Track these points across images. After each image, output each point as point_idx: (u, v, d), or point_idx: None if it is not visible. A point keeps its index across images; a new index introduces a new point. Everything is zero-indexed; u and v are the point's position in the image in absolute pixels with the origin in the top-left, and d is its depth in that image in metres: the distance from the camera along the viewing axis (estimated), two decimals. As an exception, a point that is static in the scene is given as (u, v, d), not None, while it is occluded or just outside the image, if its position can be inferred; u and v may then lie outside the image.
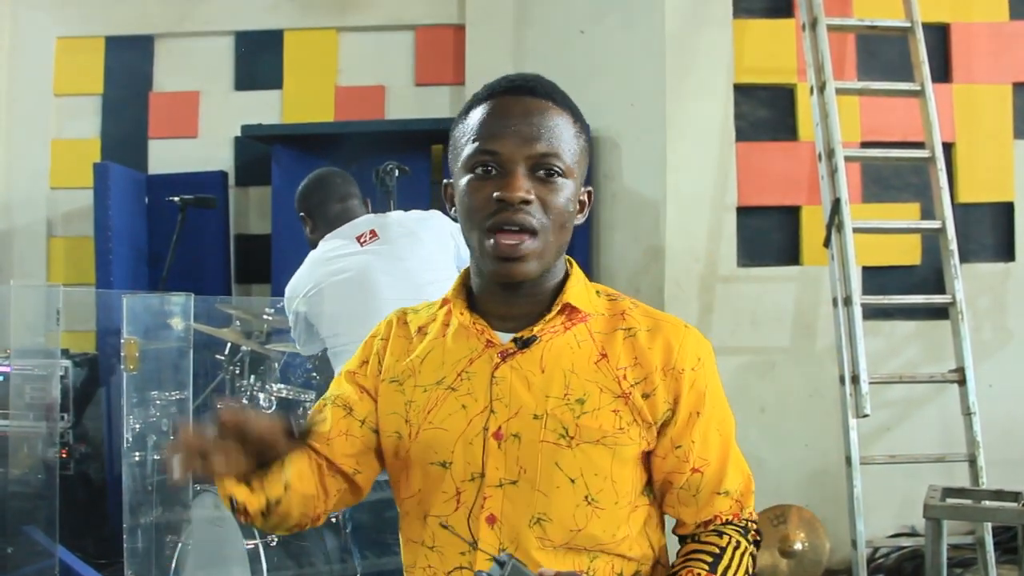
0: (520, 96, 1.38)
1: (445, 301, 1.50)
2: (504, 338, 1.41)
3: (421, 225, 3.15)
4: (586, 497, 1.35)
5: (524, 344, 1.39)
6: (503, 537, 1.35)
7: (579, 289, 1.44)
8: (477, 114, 1.39)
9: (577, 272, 1.47)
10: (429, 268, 2.99)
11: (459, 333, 1.44)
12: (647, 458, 1.42)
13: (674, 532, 1.50)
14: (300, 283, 3.09)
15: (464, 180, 1.37)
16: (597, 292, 1.48)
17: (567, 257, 1.47)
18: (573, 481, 1.35)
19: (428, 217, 3.22)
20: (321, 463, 1.44)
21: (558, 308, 1.40)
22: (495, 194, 1.32)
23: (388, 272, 2.98)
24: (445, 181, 1.48)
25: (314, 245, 3.19)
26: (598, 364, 1.38)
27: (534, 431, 1.35)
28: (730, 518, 1.45)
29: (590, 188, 1.46)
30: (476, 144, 1.36)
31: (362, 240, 3.04)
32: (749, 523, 1.48)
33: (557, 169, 1.35)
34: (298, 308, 3.08)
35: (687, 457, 1.41)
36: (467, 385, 1.40)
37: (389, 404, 1.45)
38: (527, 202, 1.32)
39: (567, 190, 1.36)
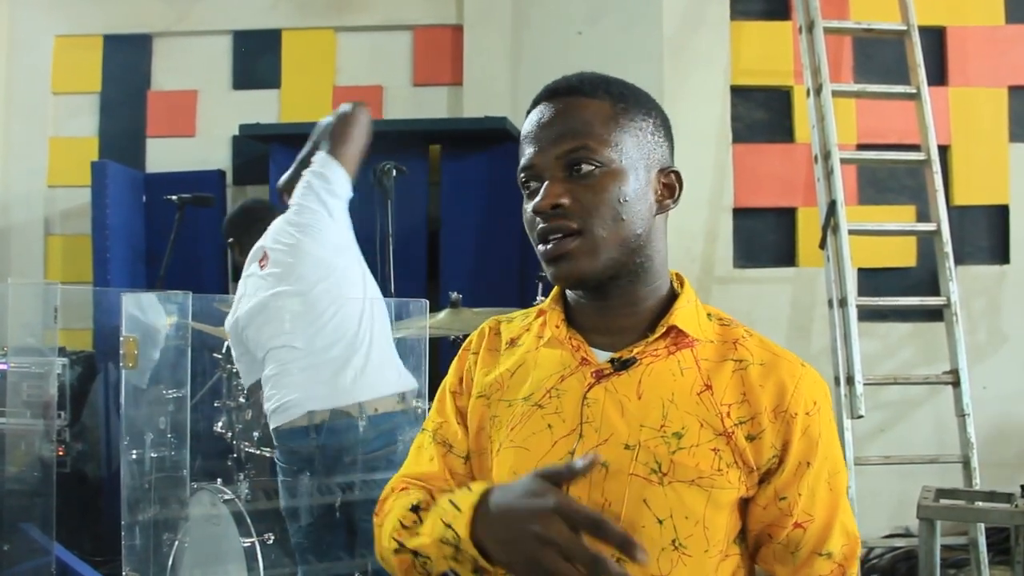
0: (548, 102, 1.29)
1: (541, 312, 1.40)
2: (600, 356, 1.30)
3: (286, 229, 3.06)
4: (673, 541, 1.22)
5: (622, 365, 1.27)
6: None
7: (688, 311, 1.31)
8: (523, 129, 1.31)
9: (688, 291, 1.34)
10: (315, 267, 2.94)
11: (552, 347, 1.34)
12: (744, 505, 1.28)
13: None
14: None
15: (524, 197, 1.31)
16: (708, 315, 1.35)
17: (676, 273, 1.37)
18: (661, 522, 1.22)
19: (288, 217, 3.08)
20: None
21: (663, 330, 1.28)
22: (530, 209, 1.27)
23: (280, 289, 2.95)
24: None
25: (241, 267, 3.17)
26: (701, 396, 1.25)
27: (623, 462, 1.23)
28: None
29: (674, 168, 1.32)
30: (520, 163, 1.29)
31: (263, 264, 3.01)
32: None
33: (591, 161, 1.23)
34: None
35: (791, 511, 1.26)
36: (555, 404, 1.29)
37: (476, 420, 1.37)
38: (558, 206, 1.23)
39: (613, 180, 1.24)
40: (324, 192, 2.95)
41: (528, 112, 1.31)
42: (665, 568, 1.22)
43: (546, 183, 1.25)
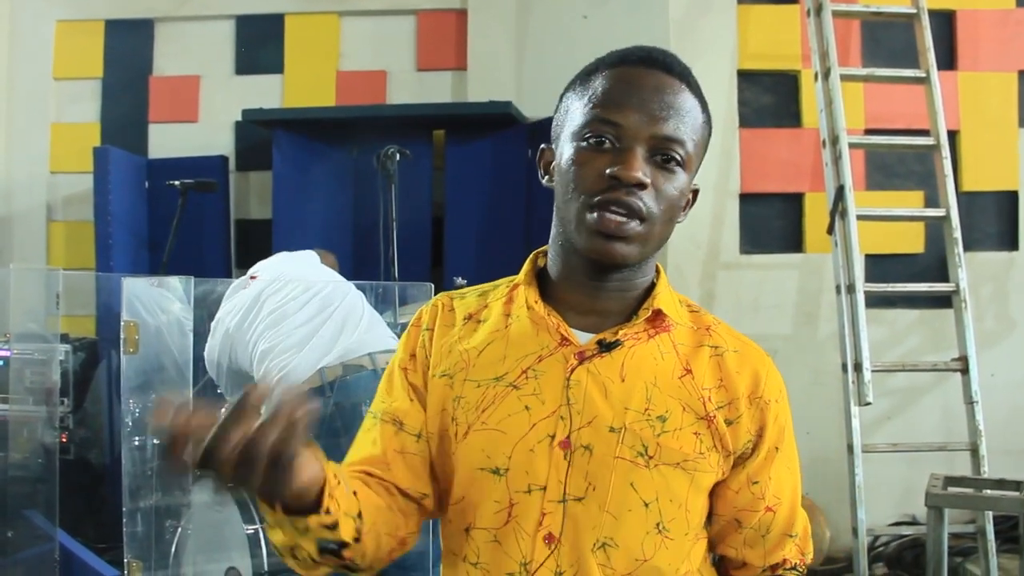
0: (654, 70, 1.23)
1: (514, 286, 1.35)
2: (581, 337, 1.26)
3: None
4: (658, 524, 1.22)
5: (607, 348, 1.25)
6: (562, 560, 1.20)
7: (667, 296, 1.30)
8: (600, 80, 1.23)
9: (664, 277, 1.33)
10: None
11: (528, 325, 1.29)
12: (714, 490, 1.29)
13: (730, 573, 1.38)
14: None
15: (571, 148, 1.22)
16: (679, 301, 1.34)
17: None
18: (647, 505, 1.21)
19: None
20: (388, 485, 1.29)
21: (647, 313, 1.27)
22: (608, 170, 1.18)
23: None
24: (543, 146, 1.33)
25: None
26: (682, 380, 1.25)
27: (609, 445, 1.21)
28: (796, 563, 1.35)
29: (697, 187, 1.31)
30: (595, 111, 1.21)
31: (253, 277, 3.16)
32: (806, 569, 1.37)
33: (678, 156, 1.21)
34: None
35: (763, 494, 1.29)
36: (533, 384, 1.24)
37: (437, 401, 1.30)
38: (643, 185, 1.18)
39: (681, 181, 1.22)
40: None
41: (608, 65, 1.25)
42: (649, 552, 1.22)
43: (630, 152, 1.19)
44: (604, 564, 1.21)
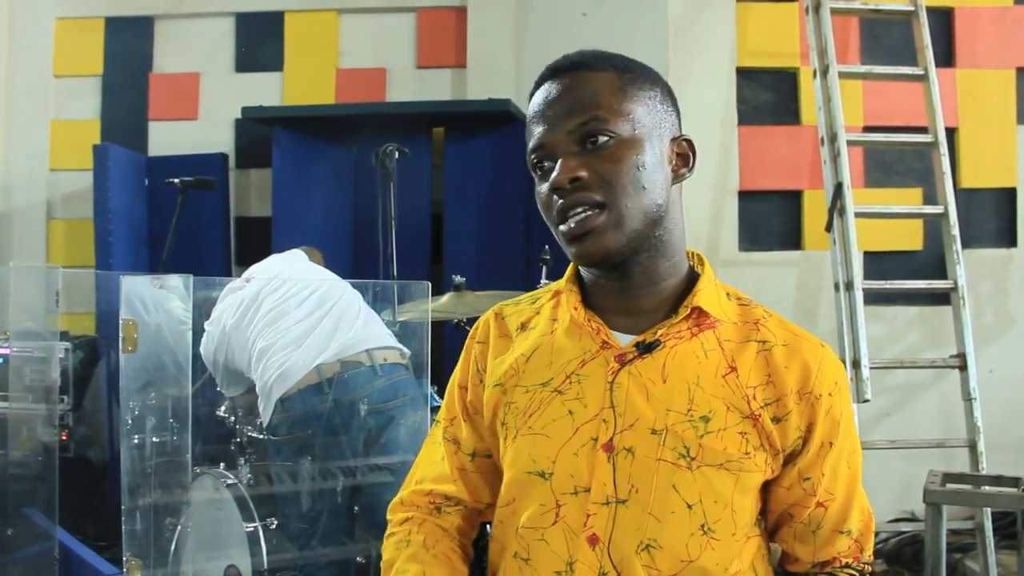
0: (554, 80, 1.26)
1: (555, 293, 1.37)
2: (621, 339, 1.27)
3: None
4: (702, 526, 1.21)
5: (646, 349, 1.25)
6: (605, 561, 1.21)
7: (710, 291, 1.29)
8: (529, 111, 1.29)
9: (709, 271, 1.32)
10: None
11: (571, 331, 1.31)
12: (766, 486, 1.29)
13: (781, 566, 1.38)
14: None
15: (536, 182, 1.28)
16: (727, 294, 1.33)
17: (697, 253, 1.35)
18: (690, 507, 1.21)
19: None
20: (458, 510, 1.44)
21: (686, 311, 1.26)
22: (545, 188, 1.23)
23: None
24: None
25: None
26: (726, 378, 1.24)
27: (651, 447, 1.21)
28: (849, 560, 1.33)
29: (686, 136, 1.29)
30: (529, 144, 1.27)
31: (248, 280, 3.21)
32: (866, 567, 1.34)
33: (605, 132, 1.20)
34: None
35: (814, 490, 1.27)
36: (576, 389, 1.26)
37: (491, 409, 1.35)
38: (577, 179, 1.20)
39: (629, 149, 1.21)
40: None
41: (532, 94, 1.29)
42: (695, 553, 1.21)
43: (560, 159, 1.21)
44: (648, 565, 1.21)
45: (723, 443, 1.21)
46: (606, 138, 1.21)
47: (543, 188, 1.24)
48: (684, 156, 1.29)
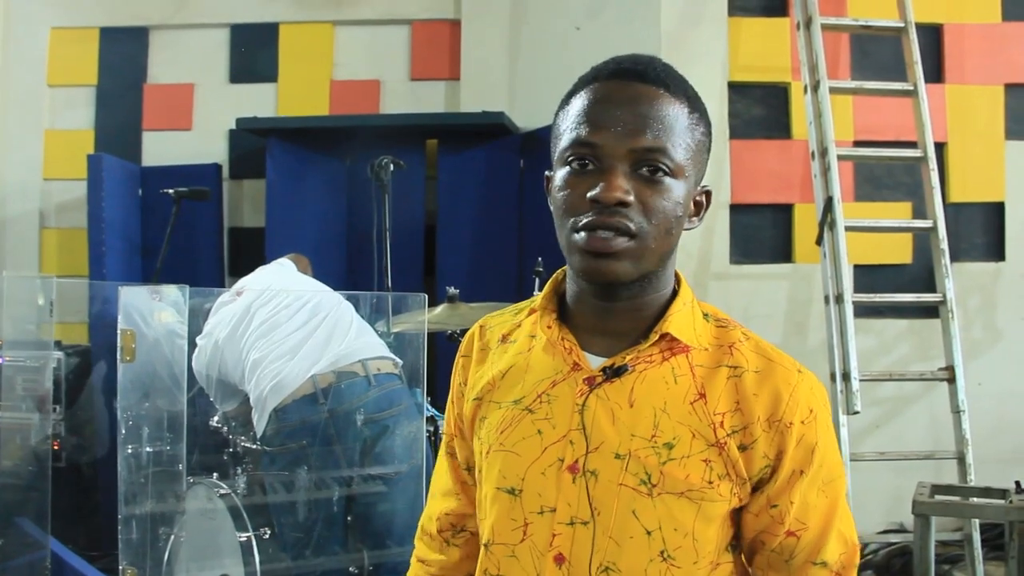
0: (627, 81, 1.19)
1: (533, 309, 1.34)
2: (593, 361, 1.25)
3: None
4: (662, 552, 1.19)
5: (615, 373, 1.22)
6: None
7: (684, 315, 1.26)
8: (578, 101, 1.21)
9: (685, 293, 1.28)
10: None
11: (545, 348, 1.29)
12: (736, 513, 1.25)
13: None
14: None
15: (560, 173, 1.21)
16: (705, 315, 1.29)
17: (677, 272, 1.30)
18: (649, 533, 1.19)
19: None
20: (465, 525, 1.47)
21: (655, 337, 1.23)
22: (589, 194, 1.15)
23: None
24: (547, 173, 1.28)
25: None
26: (694, 405, 1.21)
27: (614, 471, 1.20)
28: None
29: (708, 188, 1.27)
30: (574, 134, 1.19)
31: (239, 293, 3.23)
32: None
33: (664, 167, 1.16)
34: None
35: (782, 518, 1.23)
36: (546, 409, 1.25)
37: (470, 423, 1.36)
38: (624, 204, 1.15)
39: (675, 191, 1.18)
40: None
41: (585, 83, 1.23)
42: None
43: (610, 172, 1.16)
44: None
45: (686, 471, 1.18)
46: (662, 174, 1.17)
47: (573, 184, 1.19)
48: (699, 205, 1.27)
